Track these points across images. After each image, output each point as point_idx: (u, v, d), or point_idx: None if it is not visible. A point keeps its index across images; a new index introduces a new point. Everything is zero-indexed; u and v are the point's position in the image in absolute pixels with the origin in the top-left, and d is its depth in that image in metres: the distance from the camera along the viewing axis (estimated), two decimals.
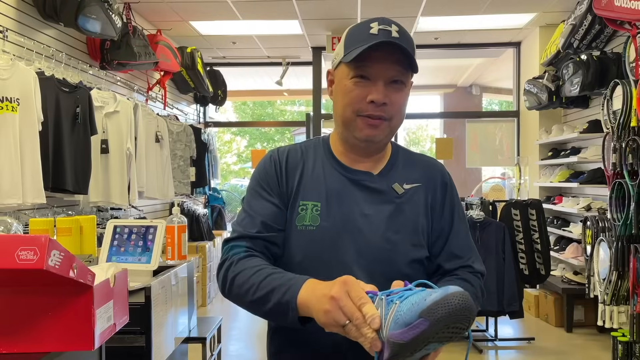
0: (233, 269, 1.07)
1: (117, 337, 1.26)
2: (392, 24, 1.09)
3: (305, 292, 0.94)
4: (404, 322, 0.74)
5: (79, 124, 3.35)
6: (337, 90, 1.13)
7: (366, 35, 1.06)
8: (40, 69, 3.20)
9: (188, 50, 5.72)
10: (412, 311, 0.73)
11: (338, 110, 1.13)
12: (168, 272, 1.86)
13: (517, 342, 4.44)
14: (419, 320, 0.72)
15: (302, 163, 1.18)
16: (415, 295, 0.78)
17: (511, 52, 6.56)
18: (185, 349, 2.14)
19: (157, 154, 4.74)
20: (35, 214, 3.20)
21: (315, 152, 1.20)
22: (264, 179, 1.17)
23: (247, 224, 1.13)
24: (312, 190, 1.14)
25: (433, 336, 0.74)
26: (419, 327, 0.72)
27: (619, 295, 3.64)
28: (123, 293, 1.25)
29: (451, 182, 1.21)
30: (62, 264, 0.91)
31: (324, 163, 1.18)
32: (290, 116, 15.88)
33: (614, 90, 3.73)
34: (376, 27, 1.07)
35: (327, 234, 1.09)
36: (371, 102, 1.07)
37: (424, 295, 0.76)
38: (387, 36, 1.06)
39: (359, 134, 1.11)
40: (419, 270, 1.13)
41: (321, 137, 1.25)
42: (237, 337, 4.68)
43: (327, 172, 1.16)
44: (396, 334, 0.74)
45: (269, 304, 0.99)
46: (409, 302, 0.77)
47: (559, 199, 5.25)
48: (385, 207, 1.12)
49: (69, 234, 1.95)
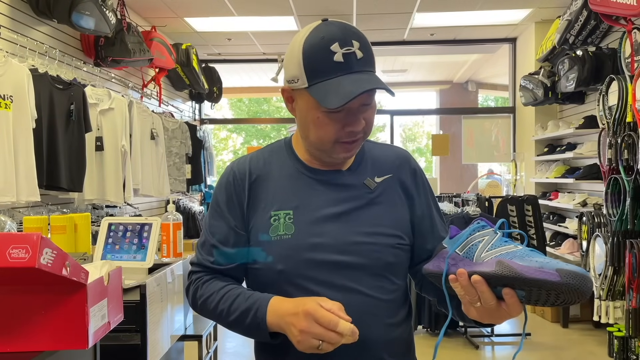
0: (200, 293, 1.12)
1: (112, 335, 1.25)
2: (353, 41, 1.01)
3: (272, 316, 1.00)
4: (537, 263, 0.81)
5: (73, 121, 3.33)
6: (306, 118, 1.07)
7: (330, 64, 1.00)
8: (33, 66, 3.17)
9: (183, 47, 5.70)
10: (549, 262, 0.81)
11: (309, 137, 1.09)
12: (163, 269, 1.85)
13: (514, 337, 4.45)
14: (554, 272, 0.79)
15: (266, 172, 1.14)
16: (537, 253, 0.87)
17: (507, 48, 6.56)
18: (181, 347, 2.13)
19: (153, 151, 4.72)
20: (30, 211, 3.18)
21: (279, 157, 1.17)
22: (223, 202, 1.14)
23: (206, 251, 1.15)
24: (282, 199, 1.11)
25: (546, 291, 0.81)
26: (549, 275, 0.79)
27: (615, 290, 3.65)
28: (117, 291, 1.24)
29: (419, 168, 1.22)
30: (55, 262, 0.90)
31: (290, 168, 1.14)
32: (286, 113, 15.85)
33: (610, 86, 3.74)
34: (338, 50, 1.00)
35: (304, 240, 1.08)
36: (350, 132, 1.05)
37: (549, 259, 0.85)
38: (353, 62, 1.00)
39: (336, 156, 1.10)
40: (403, 257, 1.14)
41: (283, 140, 1.21)
42: (233, 335, 4.67)
43: (295, 177, 1.14)
44: (521, 266, 0.82)
45: (242, 326, 1.06)
46: (533, 253, 0.86)
47: (555, 194, 5.26)
48: (358, 203, 1.11)
49: (63, 232, 1.94)
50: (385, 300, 1.09)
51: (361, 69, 1.01)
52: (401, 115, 8.35)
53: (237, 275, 1.15)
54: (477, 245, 0.93)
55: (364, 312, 1.05)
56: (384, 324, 1.09)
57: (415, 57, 7.74)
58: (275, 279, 1.08)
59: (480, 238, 0.94)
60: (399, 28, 5.76)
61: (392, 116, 7.12)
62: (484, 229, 0.96)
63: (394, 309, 1.12)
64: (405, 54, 7.41)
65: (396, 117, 7.32)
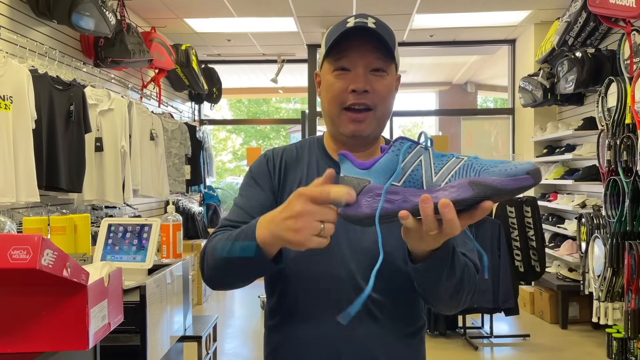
0: (209, 245, 1.07)
1: (112, 336, 1.25)
2: (369, 17, 1.09)
3: (262, 228, 0.91)
4: (505, 172, 0.77)
5: (73, 122, 3.33)
6: (322, 88, 1.15)
7: (343, 29, 1.08)
8: (33, 67, 3.17)
9: (182, 48, 5.70)
10: (514, 167, 0.77)
11: (324, 108, 1.15)
12: (163, 270, 1.86)
13: (513, 338, 4.45)
14: (527, 176, 0.76)
15: (298, 163, 1.19)
16: (486, 160, 0.81)
17: (506, 49, 6.57)
18: (180, 348, 2.13)
19: (152, 152, 4.72)
20: (29, 212, 3.18)
21: (310, 151, 1.21)
22: (257, 174, 1.18)
23: (232, 215, 1.13)
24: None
25: (518, 192, 0.78)
26: (525, 181, 0.76)
27: (614, 291, 3.65)
28: (117, 292, 1.24)
29: None
30: (56, 263, 0.90)
31: (319, 162, 1.18)
32: (286, 114, 15.86)
33: (609, 88, 3.74)
34: (352, 21, 1.08)
35: None
36: (353, 92, 1.08)
37: (500, 161, 0.80)
38: (364, 29, 1.07)
39: (344, 129, 1.12)
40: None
41: (315, 137, 1.25)
42: (233, 336, 4.68)
43: (322, 170, 1.15)
44: (497, 180, 0.77)
45: (236, 245, 0.96)
46: (491, 162, 0.80)
47: (554, 196, 5.27)
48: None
49: (63, 232, 1.94)
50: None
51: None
52: (400, 116, 8.34)
53: None
54: (419, 170, 0.82)
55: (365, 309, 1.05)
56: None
57: (414, 58, 7.74)
58: (286, 267, 1.06)
59: (415, 161, 0.82)
60: (399, 29, 5.77)
61: (392, 117, 7.13)
62: (412, 149, 0.83)
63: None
64: (405, 55, 7.42)
65: (395, 118, 7.33)
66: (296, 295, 1.10)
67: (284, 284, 1.12)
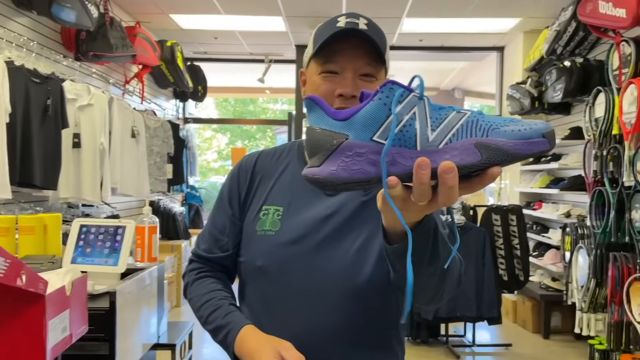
0: (189, 291, 1.17)
1: (78, 344, 1.17)
2: (361, 17, 1.04)
3: (238, 346, 1.03)
4: (519, 133, 0.66)
5: (49, 116, 3.22)
6: (307, 88, 1.11)
7: (332, 30, 1.03)
8: (10, 58, 3.06)
9: (168, 44, 5.59)
10: (529, 128, 0.66)
11: None
12: (136, 275, 1.77)
13: (495, 347, 4.42)
14: (542, 139, 0.66)
15: (271, 168, 1.17)
16: (493, 117, 0.69)
17: (494, 56, 6.57)
18: (153, 356, 2.04)
19: (133, 149, 4.61)
20: (1, 209, 3.06)
21: (288, 156, 1.18)
22: (226, 193, 1.18)
23: (203, 239, 1.19)
24: (277, 196, 1.12)
25: (530, 157, 0.69)
26: (542, 145, 0.66)
27: (597, 303, 3.63)
28: (81, 301, 1.16)
29: None
30: (8, 271, 0.82)
31: (294, 168, 1.15)
32: (272, 114, 15.76)
33: (597, 98, 3.73)
34: (343, 20, 1.03)
35: (286, 238, 1.07)
36: (340, 96, 1.03)
37: (511, 119, 0.69)
38: (354, 31, 1.03)
39: None
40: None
41: (297, 141, 1.21)
42: (210, 340, 4.56)
43: (296, 177, 1.12)
44: (510, 143, 0.65)
45: (215, 339, 1.10)
46: (499, 119, 0.68)
47: (539, 204, 5.26)
48: (349, 206, 1.08)
49: (31, 232, 1.84)
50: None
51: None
52: None
53: (231, 265, 1.17)
54: (412, 125, 0.66)
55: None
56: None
57: (403, 62, 7.72)
58: (254, 275, 1.09)
59: (408, 113, 0.66)
60: (388, 33, 5.72)
61: None
62: (404, 99, 0.67)
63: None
64: (394, 59, 7.38)
65: None
66: (264, 292, 1.11)
67: (252, 283, 1.13)
